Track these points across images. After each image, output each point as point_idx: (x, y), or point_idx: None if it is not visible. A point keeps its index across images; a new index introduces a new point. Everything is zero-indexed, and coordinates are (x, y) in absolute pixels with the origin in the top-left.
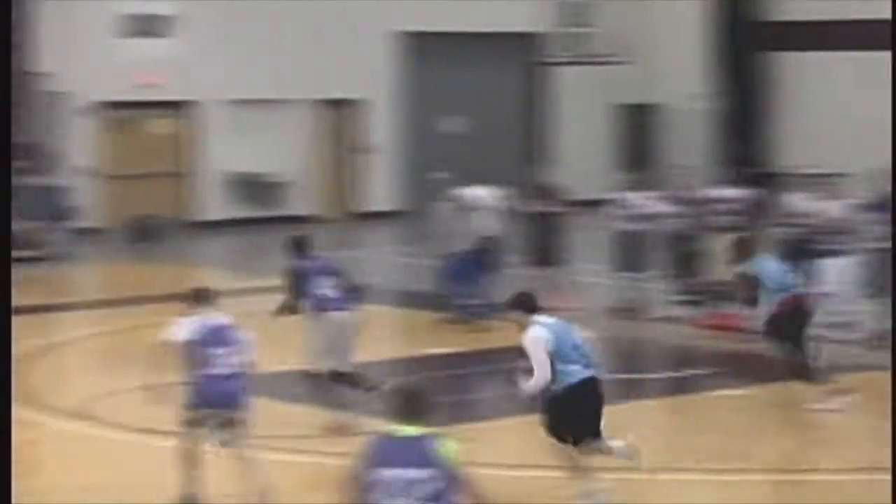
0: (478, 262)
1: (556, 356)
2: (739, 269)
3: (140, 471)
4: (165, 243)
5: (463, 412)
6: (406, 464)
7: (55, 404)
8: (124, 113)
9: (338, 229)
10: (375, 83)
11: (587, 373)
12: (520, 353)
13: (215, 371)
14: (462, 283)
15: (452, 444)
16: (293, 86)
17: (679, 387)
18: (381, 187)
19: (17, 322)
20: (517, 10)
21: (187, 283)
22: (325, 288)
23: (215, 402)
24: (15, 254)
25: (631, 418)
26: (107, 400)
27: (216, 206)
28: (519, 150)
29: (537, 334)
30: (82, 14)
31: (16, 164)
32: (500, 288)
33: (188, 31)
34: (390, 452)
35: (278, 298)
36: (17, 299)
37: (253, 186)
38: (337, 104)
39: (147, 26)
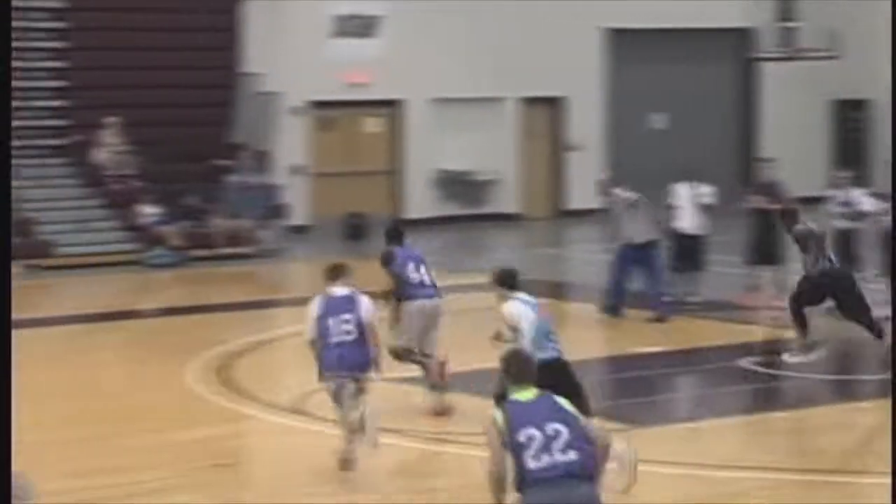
0: (678, 258)
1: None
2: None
3: (360, 468)
4: (374, 241)
5: (668, 412)
6: (540, 423)
7: (268, 399)
8: (334, 112)
9: (544, 227)
10: (582, 81)
11: (555, 353)
12: (708, 352)
13: (337, 339)
14: (656, 280)
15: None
16: (500, 83)
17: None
18: (587, 185)
19: (229, 318)
20: (727, 5)
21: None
22: (414, 274)
23: (340, 368)
24: (227, 251)
25: (844, 420)
26: (318, 395)
27: (424, 203)
28: (728, 147)
29: (522, 309)
30: (292, 15)
31: (228, 164)
32: (706, 287)
33: (396, 30)
34: (524, 416)
35: (483, 296)
36: (229, 296)
37: (460, 184)
38: (543, 102)
39: (355, 26)
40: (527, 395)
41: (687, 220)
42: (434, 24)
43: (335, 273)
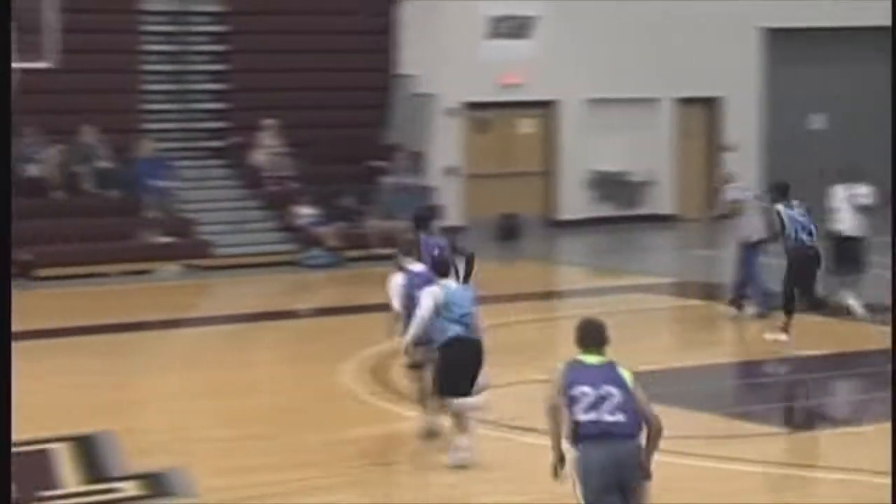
0: (836, 261)
1: (441, 314)
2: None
3: (511, 467)
4: (528, 242)
5: (825, 416)
6: (595, 384)
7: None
8: (488, 113)
9: (699, 228)
10: (739, 81)
11: (462, 332)
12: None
13: None
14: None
15: (628, 370)
16: (655, 84)
17: None
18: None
19: (374, 319)
20: (888, 3)
21: (549, 282)
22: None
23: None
24: (382, 252)
25: None
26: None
27: (578, 204)
28: (889, 148)
29: (432, 291)
30: (447, 16)
31: (383, 165)
32: (867, 289)
33: (550, 30)
34: (582, 375)
35: (639, 298)
36: (384, 297)
37: (614, 185)
38: (699, 102)
39: (510, 27)
40: (592, 359)
41: (846, 222)
42: (588, 25)
43: (409, 248)
